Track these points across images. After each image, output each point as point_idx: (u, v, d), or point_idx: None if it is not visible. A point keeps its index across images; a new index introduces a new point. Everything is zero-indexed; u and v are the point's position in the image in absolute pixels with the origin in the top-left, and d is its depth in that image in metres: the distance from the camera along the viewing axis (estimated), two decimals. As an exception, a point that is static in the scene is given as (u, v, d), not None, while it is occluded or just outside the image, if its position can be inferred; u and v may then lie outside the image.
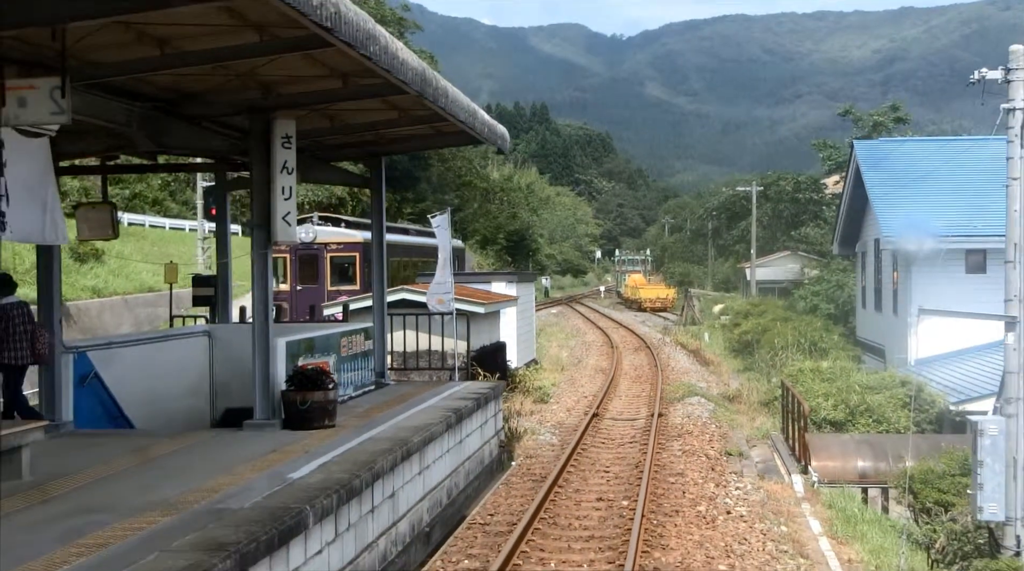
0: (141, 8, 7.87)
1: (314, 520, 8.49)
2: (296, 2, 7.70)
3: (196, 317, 19.02)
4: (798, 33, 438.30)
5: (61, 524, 7.76)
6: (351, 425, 12.49)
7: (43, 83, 7.78)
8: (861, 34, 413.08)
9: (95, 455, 10.64)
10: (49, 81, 7.79)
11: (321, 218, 29.17)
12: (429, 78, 11.84)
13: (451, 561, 11.51)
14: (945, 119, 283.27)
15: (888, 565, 12.22)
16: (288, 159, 12.15)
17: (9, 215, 9.15)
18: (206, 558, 6.79)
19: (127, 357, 13.79)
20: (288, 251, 27.05)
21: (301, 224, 28.70)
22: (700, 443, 19.69)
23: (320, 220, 28.74)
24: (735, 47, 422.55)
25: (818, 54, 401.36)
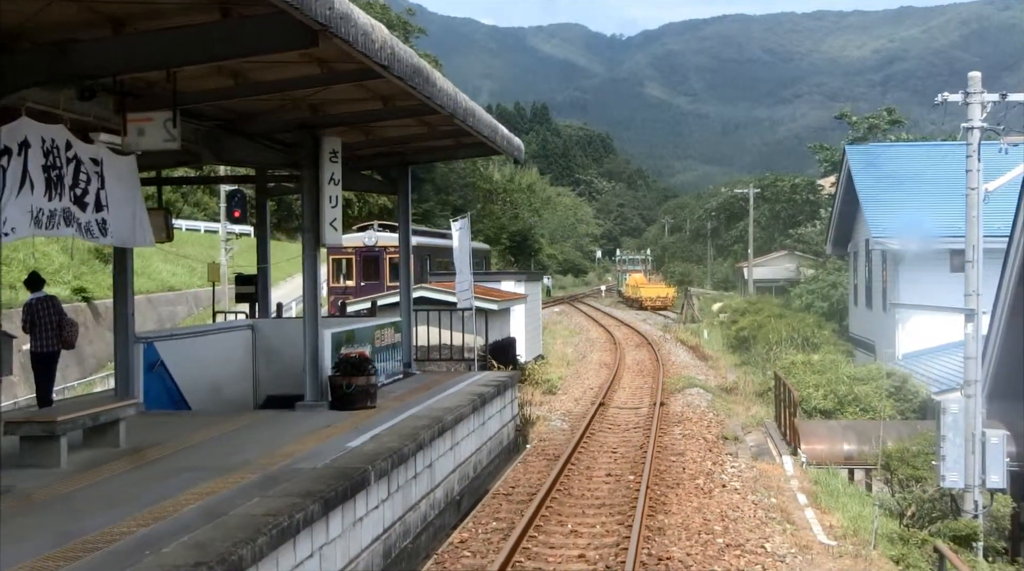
0: (240, 56, 9.53)
1: (374, 478, 10.13)
2: (363, 46, 9.31)
3: (236, 313, 20.62)
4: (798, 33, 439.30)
5: (173, 478, 9.39)
6: (389, 407, 14.13)
7: (158, 116, 9.44)
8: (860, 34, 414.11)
9: (173, 430, 12.29)
10: (163, 114, 9.45)
11: (380, 225, 33.72)
12: (460, 101, 13.48)
13: (481, 523, 13.16)
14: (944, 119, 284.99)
15: (864, 529, 13.83)
16: (335, 171, 13.81)
17: (109, 222, 10.79)
18: (300, 501, 8.43)
19: (186, 347, 15.42)
20: (354, 253, 31.15)
21: (364, 231, 32.15)
22: (699, 428, 21.33)
23: (379, 227, 33.21)
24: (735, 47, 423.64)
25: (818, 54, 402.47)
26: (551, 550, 11.87)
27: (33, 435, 10.01)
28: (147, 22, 9.02)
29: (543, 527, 12.79)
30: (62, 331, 14.25)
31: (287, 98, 12.99)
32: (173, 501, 8.54)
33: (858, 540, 13.37)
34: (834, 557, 12.54)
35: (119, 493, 8.91)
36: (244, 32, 8.90)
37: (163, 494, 8.80)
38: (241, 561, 7.02)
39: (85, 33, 9.05)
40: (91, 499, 8.72)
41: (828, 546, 13.02)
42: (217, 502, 8.46)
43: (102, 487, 9.22)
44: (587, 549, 11.87)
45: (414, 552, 11.52)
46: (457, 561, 11.45)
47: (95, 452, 10.75)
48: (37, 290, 14.37)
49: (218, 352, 16.30)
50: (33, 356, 14.41)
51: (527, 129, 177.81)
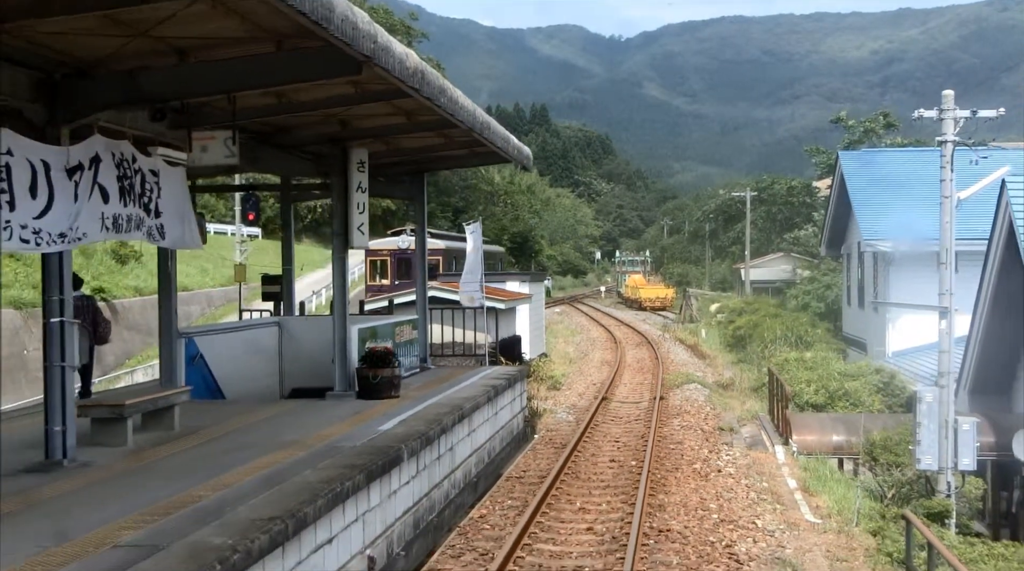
0: (292, 83, 10.77)
1: (407, 456, 11.36)
2: (399, 73, 10.53)
3: (261, 311, 21.84)
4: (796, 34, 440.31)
5: (229, 455, 10.61)
6: (411, 397, 15.36)
7: (219, 134, 10.68)
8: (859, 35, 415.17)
9: (216, 415, 13.52)
10: (223, 133, 10.69)
11: (412, 230, 36.30)
12: (478, 115, 14.70)
13: (497, 501, 14.39)
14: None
15: (848, 509, 15.07)
16: (362, 181, 15.06)
17: (166, 227, 12.01)
18: (346, 471, 9.65)
19: (221, 342, 16.65)
20: (389, 255, 35.09)
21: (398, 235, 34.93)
22: (696, 421, 22.57)
23: (411, 232, 35.97)
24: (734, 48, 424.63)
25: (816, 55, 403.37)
26: (562, 523, 13.11)
27: (103, 417, 11.25)
28: (209, 52, 10.23)
29: (554, 505, 14.03)
30: (96, 328, 15.38)
31: (320, 113, 14.20)
32: (234, 473, 9.76)
33: (842, 519, 14.62)
34: (819, 533, 13.78)
35: (184, 467, 10.14)
36: (296, 62, 10.13)
37: (224, 468, 10.02)
38: (306, 517, 8.26)
39: (155, 62, 10.26)
40: (161, 472, 9.94)
41: (814, 523, 14.27)
42: (274, 473, 9.68)
43: (168, 462, 10.45)
44: (594, 523, 13.11)
45: (439, 525, 12.75)
46: (478, 532, 12.69)
47: (154, 434, 11.98)
48: (75, 289, 15.52)
49: (248, 347, 17.53)
50: None
51: (527, 130, 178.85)
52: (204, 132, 10.94)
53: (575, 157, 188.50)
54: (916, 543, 12.52)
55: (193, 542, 7.18)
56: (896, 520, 13.93)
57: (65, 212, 9.83)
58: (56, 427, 10.12)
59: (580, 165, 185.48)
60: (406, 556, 11.27)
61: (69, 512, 8.22)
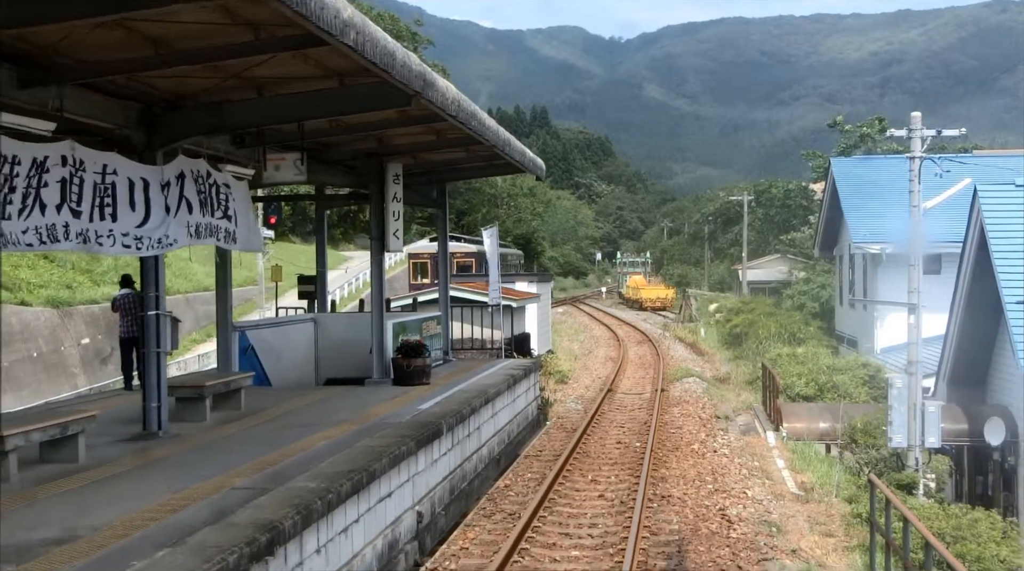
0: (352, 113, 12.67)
1: (445, 430, 13.25)
2: (440, 104, 12.40)
3: (296, 308, 23.68)
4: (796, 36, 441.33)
5: (294, 429, 12.48)
6: (440, 384, 17.25)
7: (290, 156, 12.58)
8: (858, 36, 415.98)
9: (271, 399, 15.40)
10: (294, 155, 12.59)
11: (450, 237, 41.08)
12: (500, 133, 16.60)
13: (519, 475, 16.29)
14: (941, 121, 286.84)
15: (829, 483, 16.94)
16: (397, 191, 16.95)
17: (237, 232, 13.89)
18: (400, 440, 11.54)
19: (268, 335, 18.53)
20: (428, 258, 38.80)
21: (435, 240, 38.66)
22: (695, 409, 24.47)
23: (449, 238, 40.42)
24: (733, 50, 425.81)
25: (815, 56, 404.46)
26: (577, 492, 15.01)
27: (185, 396, 13.13)
28: (283, 87, 12.11)
29: (569, 477, 15.93)
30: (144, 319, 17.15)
31: (362, 132, 16.09)
32: (305, 441, 11.63)
33: (823, 491, 16.51)
34: (802, 502, 15.68)
35: (261, 437, 12.02)
36: (356, 96, 12.02)
37: (295, 437, 11.89)
38: (375, 472, 10.15)
39: (236, 96, 12.15)
40: (243, 440, 11.82)
41: (798, 495, 16.17)
42: (339, 441, 11.56)
43: (245, 434, 12.32)
44: (605, 492, 15.01)
45: (469, 492, 14.64)
46: (504, 499, 14.59)
47: (224, 413, 13.86)
48: (125, 288, 17.34)
49: (289, 340, 19.40)
50: (120, 341, 17.42)
51: (527, 132, 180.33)
52: (277, 154, 12.86)
53: (575, 159, 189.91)
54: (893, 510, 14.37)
55: (294, 486, 9.07)
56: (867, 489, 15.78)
57: (160, 222, 11.70)
58: (153, 403, 12.01)
59: (580, 167, 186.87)
60: (445, 515, 13.17)
61: (183, 467, 10.11)
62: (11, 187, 9.48)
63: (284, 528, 7.81)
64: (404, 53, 10.64)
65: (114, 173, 10.94)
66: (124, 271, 40.19)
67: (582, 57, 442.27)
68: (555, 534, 12.59)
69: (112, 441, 11.54)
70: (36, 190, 9.81)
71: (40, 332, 32.67)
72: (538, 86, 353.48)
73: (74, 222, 10.29)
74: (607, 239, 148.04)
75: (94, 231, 10.61)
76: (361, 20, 9.22)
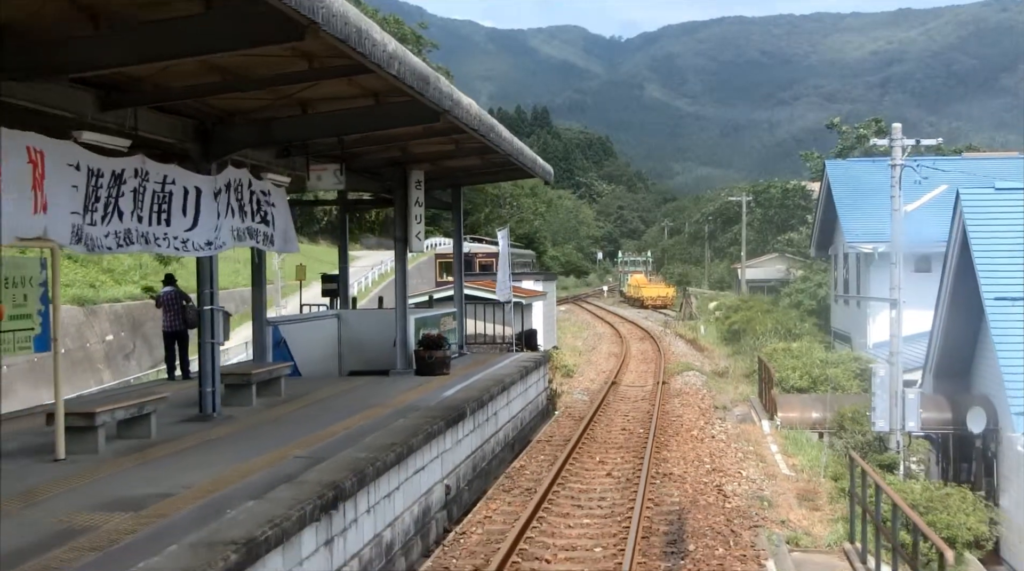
0: (387, 129, 14.08)
1: (468, 414, 14.67)
2: (464, 120, 13.81)
3: (319, 305, 25.10)
4: (796, 35, 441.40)
5: (333, 412, 13.90)
6: (458, 374, 18.67)
7: (330, 166, 14.00)
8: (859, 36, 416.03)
9: (306, 387, 16.81)
10: (334, 165, 14.01)
11: (473, 239, 45.18)
12: (515, 143, 18.01)
13: (532, 457, 17.71)
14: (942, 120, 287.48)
15: (818, 465, 18.35)
16: (419, 196, 18.38)
17: (274, 235, 15.30)
18: (431, 420, 12.95)
19: (298, 330, 19.96)
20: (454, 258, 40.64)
21: None
22: (694, 400, 25.90)
23: (471, 240, 44.32)
24: (733, 49, 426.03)
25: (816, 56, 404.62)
26: (587, 471, 16.44)
27: (234, 383, 14.54)
28: (324, 105, 13.53)
29: (578, 459, 17.36)
30: (185, 315, 18.60)
31: (388, 144, 17.50)
32: (345, 422, 13.04)
33: (812, 472, 17.94)
34: (792, 481, 17.10)
35: (306, 419, 13.42)
36: (391, 113, 13.44)
37: (335, 419, 13.30)
38: (412, 446, 11.57)
39: (282, 113, 13.57)
40: (290, 422, 13.22)
41: (789, 475, 17.60)
42: (376, 421, 12.98)
43: (290, 416, 13.73)
44: (612, 471, 16.43)
45: (488, 471, 16.06)
46: (520, 477, 16.01)
47: (267, 399, 15.26)
48: (168, 285, 18.81)
49: (316, 334, 20.84)
50: (164, 334, 18.87)
51: (528, 132, 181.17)
52: (319, 164, 14.28)
53: (576, 159, 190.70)
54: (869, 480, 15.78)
55: (344, 456, 10.48)
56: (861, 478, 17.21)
57: (209, 226, 13.09)
58: (208, 388, 13.42)
59: (581, 167, 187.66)
60: (468, 490, 14.59)
61: (244, 442, 11.53)
62: (96, 197, 10.89)
63: (345, 487, 9.23)
64: (435, 76, 12.05)
65: (172, 182, 12.32)
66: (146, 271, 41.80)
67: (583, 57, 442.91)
68: (568, 506, 14.02)
69: (174, 422, 12.96)
70: (115, 199, 11.21)
71: (67, 329, 34.03)
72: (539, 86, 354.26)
73: (139, 226, 11.67)
74: (608, 238, 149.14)
75: (153, 234, 11.99)
76: (402, 52, 10.64)
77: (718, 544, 11.89)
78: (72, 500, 8.62)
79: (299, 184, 18.11)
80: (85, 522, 7.84)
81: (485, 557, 11.26)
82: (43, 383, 30.68)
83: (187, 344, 19.22)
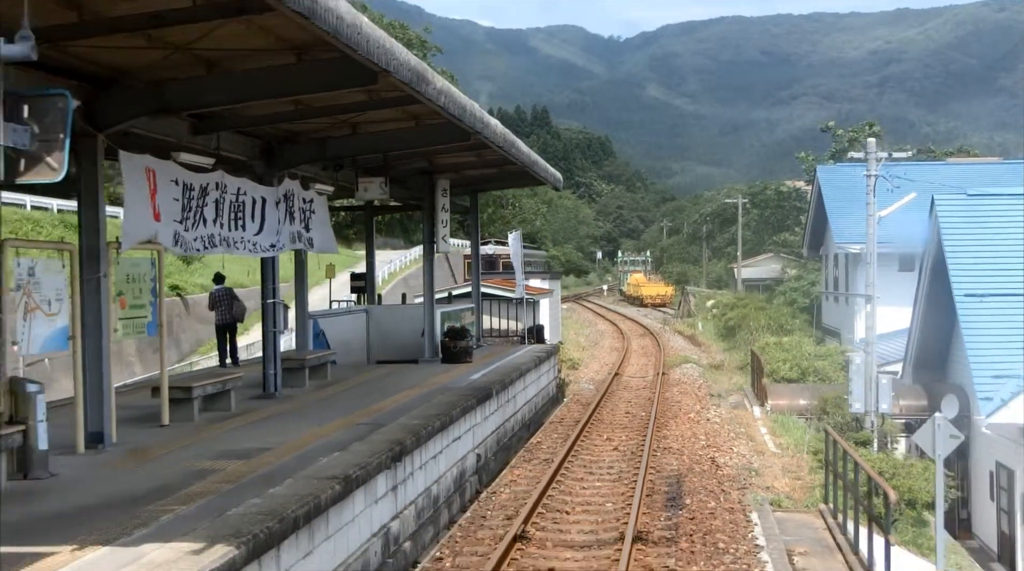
0: (428, 146, 16.25)
1: (494, 394, 16.83)
2: (492, 140, 15.95)
3: (346, 301, 27.24)
4: (795, 34, 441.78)
5: (376, 392, 16.05)
6: (480, 362, 20.83)
7: (376, 179, 16.16)
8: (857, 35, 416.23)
9: (346, 373, 18.97)
10: (379, 178, 16.18)
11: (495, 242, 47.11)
12: (532, 156, 20.17)
13: (547, 435, 19.90)
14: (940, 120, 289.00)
15: (802, 443, 20.51)
16: (444, 203, 20.55)
17: (315, 239, 17.43)
18: (464, 397, 15.10)
19: (333, 323, 22.10)
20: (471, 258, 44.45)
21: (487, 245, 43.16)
22: (692, 389, 28.09)
23: (495, 243, 46.30)
24: (732, 49, 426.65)
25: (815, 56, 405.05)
26: (596, 446, 18.63)
27: (290, 367, 16.68)
28: (372, 126, 15.68)
29: (588, 437, 19.55)
30: (233, 310, 20.73)
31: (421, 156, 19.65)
32: (391, 399, 15.19)
33: (796, 450, 20.10)
34: (778, 456, 19.27)
35: (357, 396, 15.57)
36: (430, 133, 15.63)
37: (382, 396, 15.45)
38: (453, 416, 13.74)
39: (335, 133, 15.72)
40: (344, 398, 15.37)
41: (775, 452, 19.77)
42: (416, 399, 15.12)
43: (342, 394, 15.88)
44: (618, 446, 18.62)
45: (510, 446, 18.23)
46: (538, 451, 18.20)
47: (318, 381, 17.42)
48: (219, 284, 21.00)
49: (348, 327, 22.98)
50: (216, 327, 21.01)
51: (528, 132, 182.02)
52: (367, 178, 16.47)
53: (576, 158, 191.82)
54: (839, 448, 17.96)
55: (400, 423, 12.63)
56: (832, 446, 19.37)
57: (272, 231, 15.24)
58: (271, 371, 15.58)
59: (581, 166, 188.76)
60: (494, 460, 16.76)
61: (311, 413, 13.68)
62: (188, 207, 13.04)
63: (406, 444, 11.39)
64: (471, 104, 14.21)
65: (244, 194, 14.48)
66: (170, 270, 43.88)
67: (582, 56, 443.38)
68: (581, 472, 16.21)
69: (244, 399, 15.10)
70: (201, 209, 13.35)
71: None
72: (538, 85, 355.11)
73: (220, 232, 13.81)
74: (607, 238, 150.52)
75: (231, 238, 14.14)
76: (447, 87, 12.79)
77: (710, 499, 14.08)
78: (192, 452, 10.77)
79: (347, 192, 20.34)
80: (210, 466, 9.99)
81: (515, 509, 13.42)
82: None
83: (236, 335, 21.34)
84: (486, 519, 13.18)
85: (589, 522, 12.93)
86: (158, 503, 8.40)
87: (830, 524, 14.27)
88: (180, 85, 10.98)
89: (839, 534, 13.55)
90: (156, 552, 6.93)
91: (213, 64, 11.08)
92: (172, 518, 7.89)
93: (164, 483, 9.20)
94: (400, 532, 11.19)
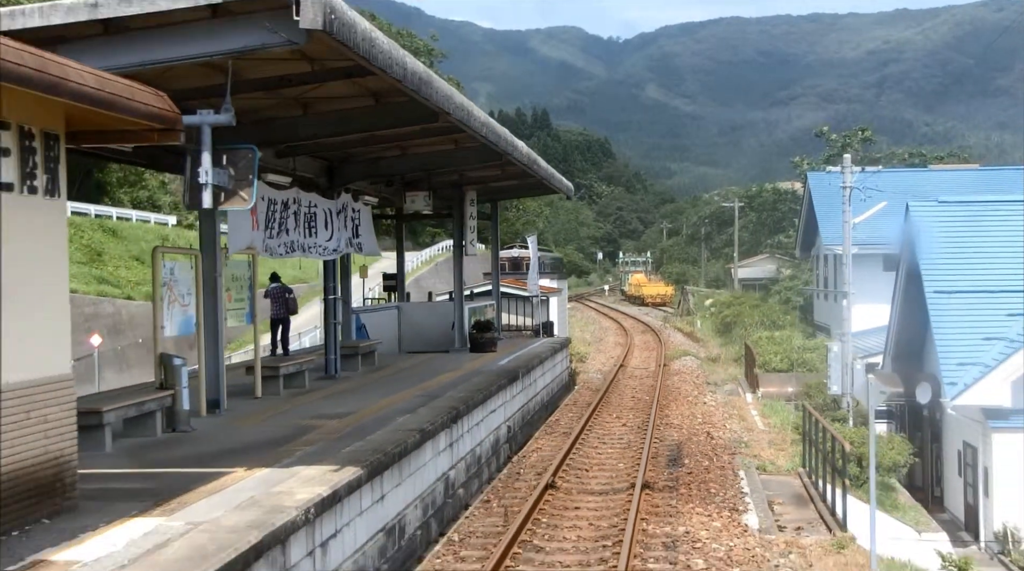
0: (464, 165, 19.01)
1: (520, 376, 19.61)
2: (515, 158, 18.71)
3: (380, 299, 29.97)
4: (793, 35, 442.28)
5: (422, 374, 18.81)
6: (503, 351, 23.61)
7: (421, 193, 18.96)
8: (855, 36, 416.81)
9: (389, 361, 21.74)
10: (424, 193, 18.98)
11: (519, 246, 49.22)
12: (549, 170, 22.94)
13: (563, 415, 22.73)
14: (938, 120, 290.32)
15: (787, 423, 23.29)
16: (472, 212, 23.34)
17: (363, 243, 20.18)
18: (497, 377, 17.87)
19: (372, 317, 24.87)
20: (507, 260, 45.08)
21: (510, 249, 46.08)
22: (690, 378, 30.90)
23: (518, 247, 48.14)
24: (731, 49, 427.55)
25: (813, 56, 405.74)
26: (607, 423, 21.45)
27: (346, 354, 19.44)
28: (418, 148, 18.46)
29: (599, 416, 22.37)
30: (287, 305, 23.42)
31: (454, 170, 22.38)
32: (435, 380, 17.94)
33: (781, 428, 22.89)
34: (766, 433, 22.08)
35: (405, 378, 18.32)
36: (468, 154, 18.40)
37: (426, 378, 18.20)
38: (491, 393, 16.52)
39: (386, 154, 18.50)
40: (395, 379, 18.12)
41: (764, 430, 22.57)
42: (456, 379, 17.88)
43: (392, 377, 18.64)
44: (627, 423, 21.44)
45: (532, 422, 21.02)
46: (557, 426, 21.03)
47: (368, 366, 20.19)
48: (274, 281, 23.72)
49: (383, 322, 25.74)
50: (271, 320, 23.69)
51: (528, 134, 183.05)
52: (413, 192, 19.29)
53: (575, 160, 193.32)
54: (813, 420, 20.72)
55: (451, 395, 15.41)
56: (810, 420, 22.16)
57: (337, 238, 18.01)
58: (331, 356, 18.36)
59: (580, 168, 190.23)
60: (521, 433, 19.55)
61: (373, 389, 16.44)
62: (272, 219, 15.80)
63: (460, 410, 14.18)
64: (505, 131, 16.98)
65: (315, 206, 17.25)
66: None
67: (581, 57, 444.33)
68: (596, 442, 19.03)
69: (313, 379, 17.85)
70: (283, 220, 16.14)
71: (141, 322, 38.87)
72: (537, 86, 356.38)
73: (298, 239, 16.58)
74: (608, 239, 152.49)
75: (307, 244, 16.90)
76: (486, 118, 15.56)
77: (705, 460, 16.92)
78: (292, 415, 13.54)
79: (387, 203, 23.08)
80: (311, 424, 12.75)
81: (543, 467, 16.22)
82: (125, 369, 35.61)
83: (288, 328, 24.05)
84: (520, 475, 15.97)
85: (605, 476, 15.74)
86: (287, 445, 11.17)
87: (806, 483, 17.06)
88: (282, 122, 13.75)
89: (812, 490, 16.35)
90: (305, 471, 9.70)
91: (307, 105, 13.85)
92: (303, 453, 10.67)
93: (284, 434, 11.96)
94: (455, 480, 13.98)
